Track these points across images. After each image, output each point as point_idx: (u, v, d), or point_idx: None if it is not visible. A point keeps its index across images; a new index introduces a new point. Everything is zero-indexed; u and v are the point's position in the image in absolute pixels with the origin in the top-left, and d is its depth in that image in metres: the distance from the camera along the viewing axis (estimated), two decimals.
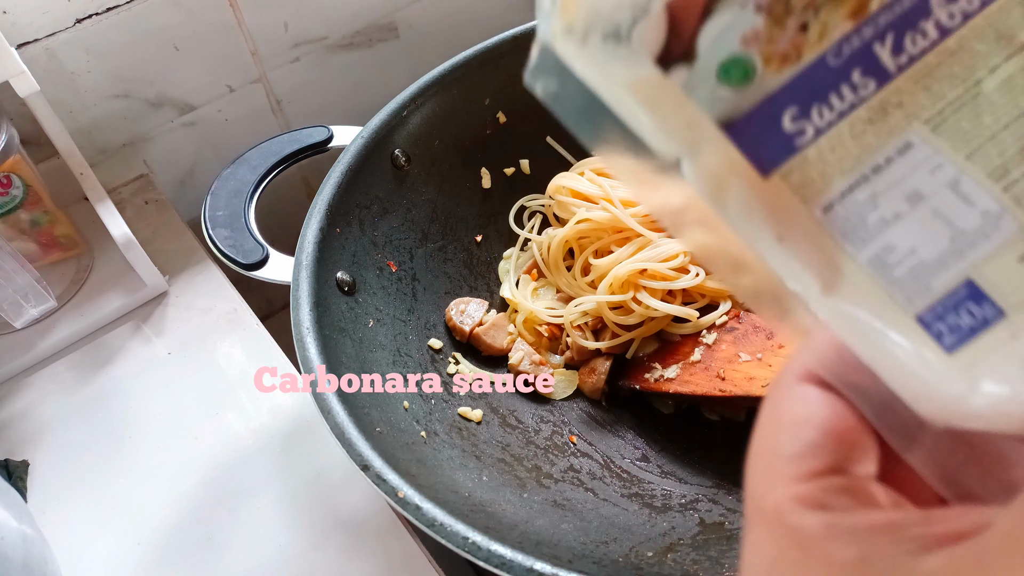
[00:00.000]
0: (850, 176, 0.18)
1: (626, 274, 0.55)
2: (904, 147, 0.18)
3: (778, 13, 0.18)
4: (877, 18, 0.18)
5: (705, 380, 0.52)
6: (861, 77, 0.18)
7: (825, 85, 0.18)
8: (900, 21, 0.18)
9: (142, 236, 0.64)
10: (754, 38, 0.18)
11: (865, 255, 0.18)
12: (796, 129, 0.18)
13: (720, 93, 0.18)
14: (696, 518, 0.49)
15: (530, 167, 0.66)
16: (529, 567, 0.37)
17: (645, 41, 0.18)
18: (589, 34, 0.19)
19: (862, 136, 0.18)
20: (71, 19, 0.63)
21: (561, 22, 0.19)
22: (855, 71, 0.18)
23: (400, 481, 0.41)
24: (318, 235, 0.53)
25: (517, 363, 0.57)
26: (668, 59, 0.18)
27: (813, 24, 0.18)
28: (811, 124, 0.18)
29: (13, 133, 0.59)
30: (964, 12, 0.18)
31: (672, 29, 0.18)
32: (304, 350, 0.47)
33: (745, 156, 0.18)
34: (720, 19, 0.18)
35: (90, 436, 0.58)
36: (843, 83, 0.18)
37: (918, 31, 0.18)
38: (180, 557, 0.51)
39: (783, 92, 0.18)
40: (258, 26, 0.71)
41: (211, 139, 0.76)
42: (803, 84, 0.18)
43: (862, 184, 0.18)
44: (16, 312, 0.56)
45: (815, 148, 0.18)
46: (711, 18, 0.18)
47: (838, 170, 0.18)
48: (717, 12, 0.18)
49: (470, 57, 0.63)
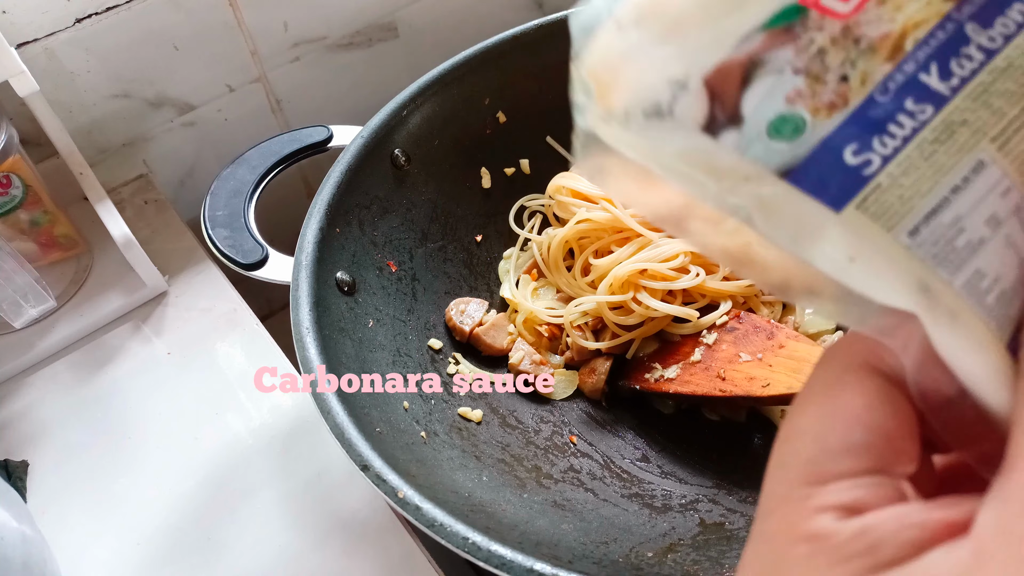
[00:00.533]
0: (931, 198, 0.18)
1: (626, 274, 0.55)
2: (978, 166, 0.18)
3: (816, 72, 0.18)
4: (916, 54, 0.18)
5: (705, 380, 0.52)
6: (916, 104, 0.18)
7: (881, 118, 0.18)
8: (940, 52, 0.18)
9: (142, 236, 0.64)
10: (798, 96, 0.18)
11: (959, 280, 0.18)
12: (861, 161, 0.18)
13: (775, 147, 0.19)
14: (696, 518, 0.49)
15: (530, 167, 0.66)
16: (529, 567, 0.37)
17: (689, 114, 0.19)
18: (631, 116, 0.19)
19: (933, 157, 0.18)
20: (71, 19, 0.63)
21: (600, 110, 0.20)
22: (907, 100, 0.18)
23: (400, 481, 0.41)
24: (318, 235, 0.53)
25: (517, 363, 0.57)
26: (715, 127, 0.19)
27: (853, 75, 0.18)
28: (875, 154, 0.18)
29: (13, 133, 0.59)
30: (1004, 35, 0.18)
31: (714, 99, 0.19)
32: (304, 350, 0.47)
33: (812, 197, 0.19)
34: (761, 86, 0.18)
35: (90, 436, 0.58)
36: (899, 112, 0.18)
37: (962, 56, 0.18)
38: (180, 557, 0.51)
39: (838, 133, 0.18)
40: (258, 26, 0.71)
41: (211, 139, 0.76)
42: (857, 122, 0.18)
43: (944, 206, 0.18)
44: (16, 312, 0.56)
45: (886, 175, 0.18)
46: (751, 85, 0.18)
47: (916, 192, 0.18)
48: (756, 80, 0.18)
49: (470, 57, 0.63)
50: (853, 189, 0.18)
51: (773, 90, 0.18)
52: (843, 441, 0.18)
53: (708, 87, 0.19)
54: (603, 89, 0.20)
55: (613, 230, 0.58)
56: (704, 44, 0.19)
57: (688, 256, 0.56)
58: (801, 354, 0.51)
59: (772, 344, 0.53)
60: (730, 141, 0.19)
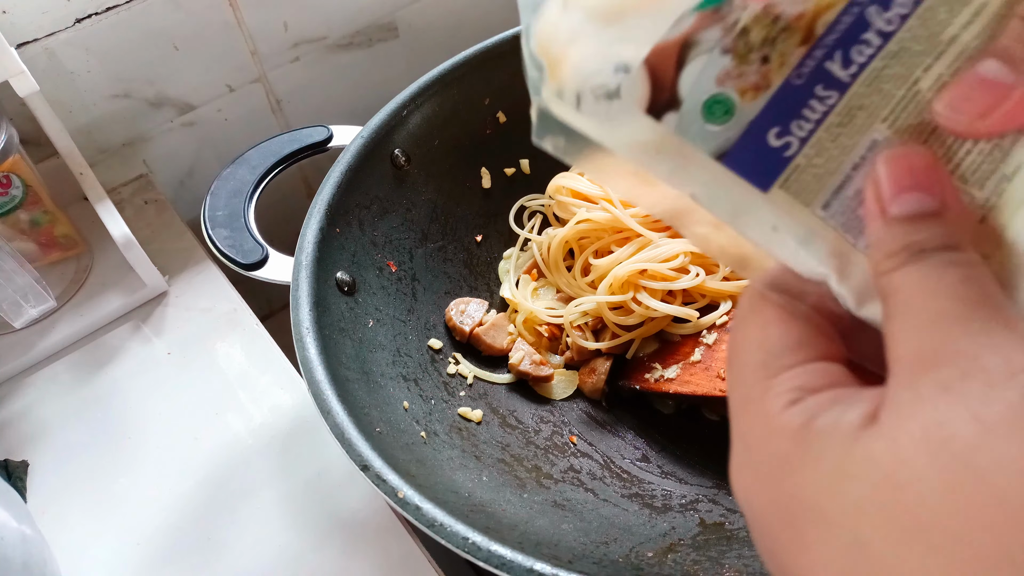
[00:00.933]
0: (838, 176, 0.21)
1: (626, 274, 0.55)
2: (872, 145, 0.20)
3: (742, 52, 0.20)
4: (824, 39, 0.20)
5: (705, 380, 0.52)
6: (824, 90, 0.20)
7: (796, 103, 0.20)
8: (844, 37, 0.20)
9: (142, 236, 0.64)
10: (727, 76, 0.20)
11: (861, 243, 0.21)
12: (782, 144, 0.21)
13: (709, 130, 0.21)
14: (696, 518, 0.49)
15: (530, 167, 0.66)
16: (529, 567, 0.37)
17: (634, 96, 0.21)
18: (582, 96, 0.21)
19: (838, 139, 0.21)
20: (71, 19, 0.63)
21: (551, 86, 0.21)
22: (818, 87, 0.20)
23: (400, 481, 0.41)
24: (318, 235, 0.53)
25: (517, 363, 0.57)
26: (657, 108, 0.21)
27: (773, 56, 0.20)
28: (794, 137, 0.21)
29: (13, 133, 0.59)
30: (900, 15, 0.20)
31: (655, 81, 0.21)
32: (304, 350, 0.47)
33: (744, 179, 0.21)
34: (694, 66, 0.20)
35: (90, 436, 0.58)
36: (810, 98, 0.20)
37: (861, 42, 0.20)
38: (180, 557, 0.51)
39: (762, 116, 0.21)
40: (258, 26, 0.71)
41: (211, 139, 0.76)
42: (778, 106, 0.20)
43: (848, 182, 0.21)
44: (16, 312, 0.56)
45: (803, 156, 0.21)
46: (686, 66, 0.20)
47: (827, 171, 0.21)
48: (690, 60, 0.20)
49: (470, 57, 0.63)
50: (777, 170, 0.21)
51: (705, 70, 0.20)
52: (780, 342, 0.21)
53: (649, 69, 0.20)
54: (553, 67, 0.21)
55: (613, 230, 0.58)
56: (644, 25, 0.20)
57: (688, 256, 0.56)
58: None
59: None
60: (671, 123, 0.21)
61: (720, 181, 0.21)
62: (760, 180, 0.21)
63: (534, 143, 0.22)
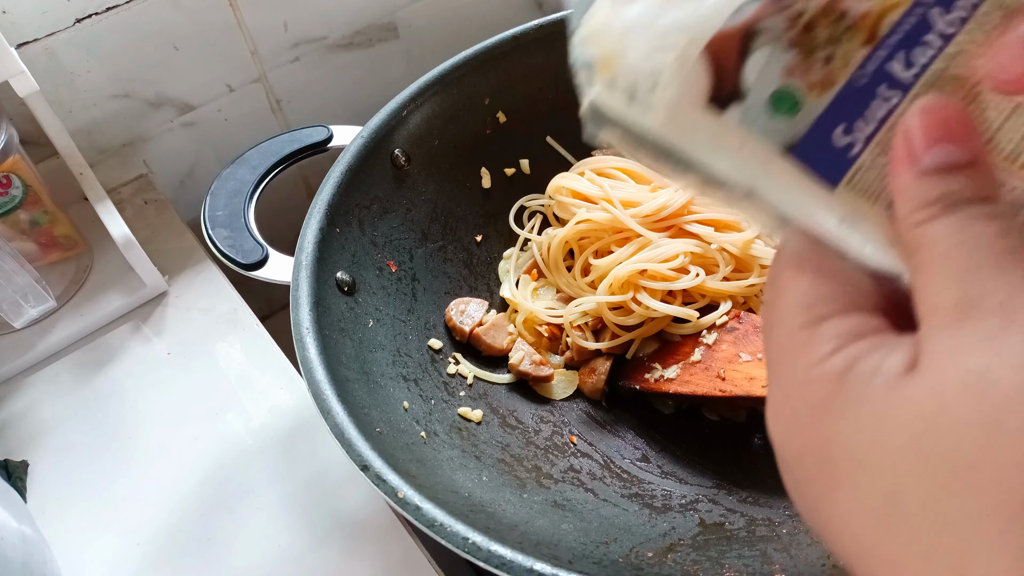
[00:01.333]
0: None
1: (626, 274, 0.55)
2: None
3: (807, 47, 0.20)
4: (887, 39, 0.20)
5: (705, 380, 0.52)
6: (887, 90, 0.20)
7: (860, 102, 0.20)
8: (907, 38, 0.20)
9: (142, 236, 0.64)
10: (793, 70, 0.20)
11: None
12: (848, 142, 0.20)
13: (775, 124, 0.20)
14: (696, 518, 0.49)
15: (530, 167, 0.66)
16: (529, 567, 0.37)
17: (693, 87, 0.20)
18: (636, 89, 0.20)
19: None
20: (71, 19, 0.63)
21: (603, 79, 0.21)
22: (880, 87, 0.20)
23: (400, 481, 0.41)
24: (318, 235, 0.53)
25: (517, 363, 0.57)
26: (720, 99, 0.20)
27: (837, 55, 0.20)
28: (859, 135, 0.20)
29: (13, 133, 0.59)
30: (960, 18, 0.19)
31: (716, 71, 0.20)
32: (304, 350, 0.47)
33: (813, 174, 0.21)
34: (758, 56, 0.20)
35: (90, 436, 0.58)
36: (873, 98, 0.20)
37: (924, 44, 0.20)
38: (180, 557, 0.51)
39: (828, 113, 0.20)
40: (258, 26, 0.71)
41: (211, 139, 0.76)
42: (842, 104, 0.20)
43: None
44: (16, 312, 0.56)
45: (868, 154, 0.20)
46: (750, 56, 0.20)
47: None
48: (754, 50, 0.20)
49: (470, 57, 0.63)
50: (844, 167, 0.21)
51: (771, 62, 0.20)
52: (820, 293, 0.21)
53: (709, 58, 0.20)
54: (604, 63, 0.21)
55: (613, 230, 0.58)
56: (703, 13, 0.20)
57: (688, 256, 0.56)
58: None
59: None
60: (735, 116, 0.20)
61: (785, 176, 0.21)
62: (828, 176, 0.21)
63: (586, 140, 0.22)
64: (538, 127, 0.66)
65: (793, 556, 0.43)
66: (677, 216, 0.57)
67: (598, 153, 0.65)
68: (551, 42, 0.64)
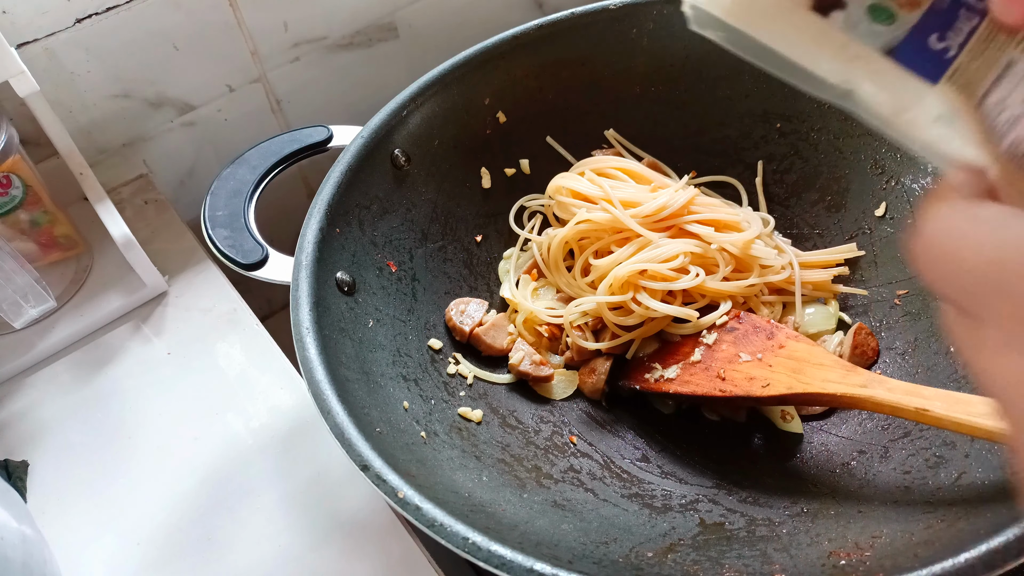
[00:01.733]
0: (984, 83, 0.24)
1: (626, 275, 0.55)
2: (1009, 63, 0.24)
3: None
4: None
5: (705, 380, 0.52)
6: (966, 13, 0.24)
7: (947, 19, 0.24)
8: None
9: (142, 236, 0.64)
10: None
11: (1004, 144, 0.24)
12: (943, 47, 0.24)
13: (875, 28, 0.24)
14: (696, 518, 0.49)
15: (530, 167, 0.66)
16: (529, 567, 0.37)
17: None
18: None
19: (984, 52, 0.24)
20: (71, 19, 0.63)
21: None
22: (960, 9, 0.24)
23: (400, 482, 0.41)
24: (318, 235, 0.53)
25: (517, 363, 0.57)
26: (824, 5, 0.24)
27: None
28: (952, 42, 0.24)
29: (13, 133, 0.59)
30: None
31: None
32: (304, 350, 0.47)
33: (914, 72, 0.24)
34: None
35: (90, 436, 0.58)
36: (957, 18, 0.24)
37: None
38: (180, 557, 0.51)
39: (922, 24, 0.24)
40: (258, 26, 0.71)
41: (211, 139, 0.76)
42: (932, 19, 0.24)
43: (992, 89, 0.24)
44: (16, 312, 0.56)
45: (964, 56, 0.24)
46: None
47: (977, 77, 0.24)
48: None
49: (470, 57, 0.62)
50: (943, 67, 0.24)
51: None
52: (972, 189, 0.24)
53: None
54: None
55: (613, 230, 0.58)
56: None
57: (688, 256, 0.56)
58: (801, 354, 0.51)
59: (772, 344, 0.53)
60: (838, 20, 0.24)
61: (887, 75, 0.24)
62: (929, 74, 0.24)
63: (693, 30, 0.25)
64: (538, 127, 0.66)
65: (793, 556, 0.43)
66: (677, 216, 0.57)
67: (598, 153, 0.65)
68: (551, 42, 0.64)
